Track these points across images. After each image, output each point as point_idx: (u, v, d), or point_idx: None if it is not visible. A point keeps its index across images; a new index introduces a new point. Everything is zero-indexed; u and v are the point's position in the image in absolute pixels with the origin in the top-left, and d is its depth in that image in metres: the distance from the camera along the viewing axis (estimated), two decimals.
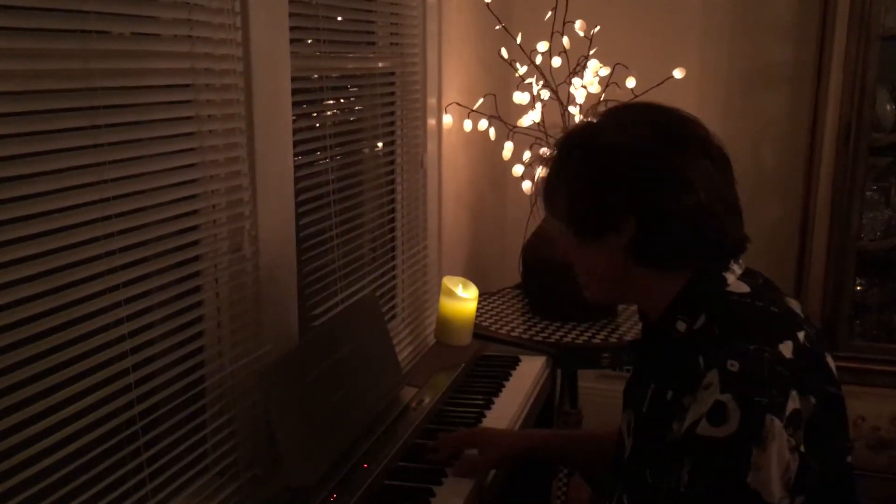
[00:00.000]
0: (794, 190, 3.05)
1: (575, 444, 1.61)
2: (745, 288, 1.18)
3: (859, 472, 2.82)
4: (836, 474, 1.15)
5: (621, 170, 1.16)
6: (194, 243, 1.42)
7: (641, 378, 1.26)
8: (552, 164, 1.26)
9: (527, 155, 2.64)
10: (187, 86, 1.38)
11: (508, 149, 2.59)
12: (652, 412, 1.20)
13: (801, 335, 1.14)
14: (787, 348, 1.10)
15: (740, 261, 1.22)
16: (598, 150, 1.19)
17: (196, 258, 1.43)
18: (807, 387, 1.09)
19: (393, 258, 2.29)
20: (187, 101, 1.38)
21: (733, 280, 1.19)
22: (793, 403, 1.07)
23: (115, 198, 1.22)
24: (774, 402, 1.05)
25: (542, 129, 2.57)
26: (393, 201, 2.29)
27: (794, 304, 1.23)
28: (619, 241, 1.18)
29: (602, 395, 3.11)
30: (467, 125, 2.57)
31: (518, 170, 2.63)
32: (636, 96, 2.54)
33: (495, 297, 2.85)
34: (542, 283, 2.57)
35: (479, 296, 2.38)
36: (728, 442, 1.04)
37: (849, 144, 2.71)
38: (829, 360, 1.19)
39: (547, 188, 1.27)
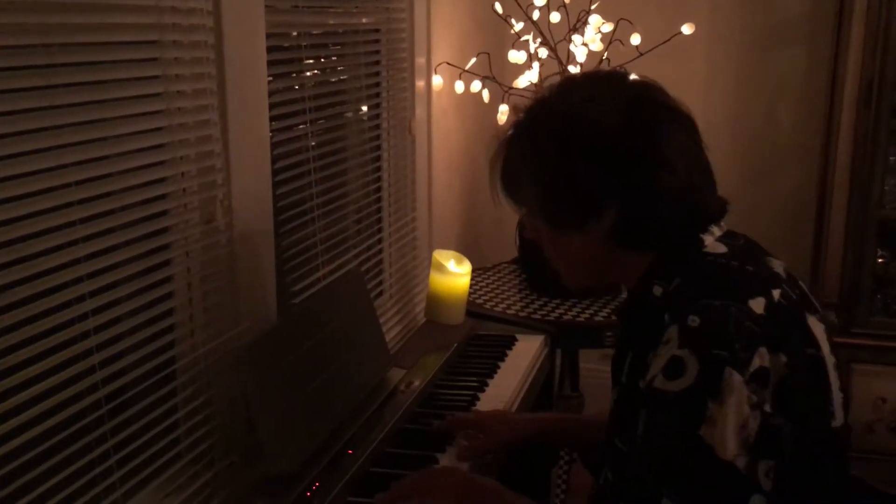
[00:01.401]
0: (812, 155, 3.05)
1: (587, 430, 1.62)
2: (722, 248, 1.23)
3: (879, 456, 2.84)
4: (819, 441, 1.17)
5: (599, 156, 1.19)
6: (162, 214, 1.42)
7: (622, 349, 1.30)
8: (512, 149, 1.27)
9: None
10: (153, 42, 1.36)
11: (503, 112, 2.58)
12: (630, 381, 1.23)
13: (776, 293, 1.18)
14: (757, 304, 1.14)
15: (722, 223, 1.26)
16: (568, 135, 1.21)
17: (165, 230, 1.42)
18: (778, 345, 1.12)
19: (379, 231, 2.29)
20: (153, 59, 1.37)
21: (711, 241, 1.23)
22: (759, 360, 1.10)
23: (74, 164, 1.21)
24: (736, 357, 1.08)
25: (541, 88, 2.56)
26: (379, 169, 2.28)
27: (777, 264, 1.26)
28: (600, 227, 1.22)
29: (605, 378, 3.11)
30: (459, 87, 2.56)
31: None
32: (641, 54, 2.53)
33: (490, 273, 2.85)
34: (541, 257, 2.56)
35: (473, 271, 2.38)
36: (682, 395, 1.09)
37: (871, 105, 2.71)
38: (813, 322, 1.22)
39: (509, 176, 1.28)
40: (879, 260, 2.89)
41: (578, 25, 2.56)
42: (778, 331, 1.13)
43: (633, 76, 1.27)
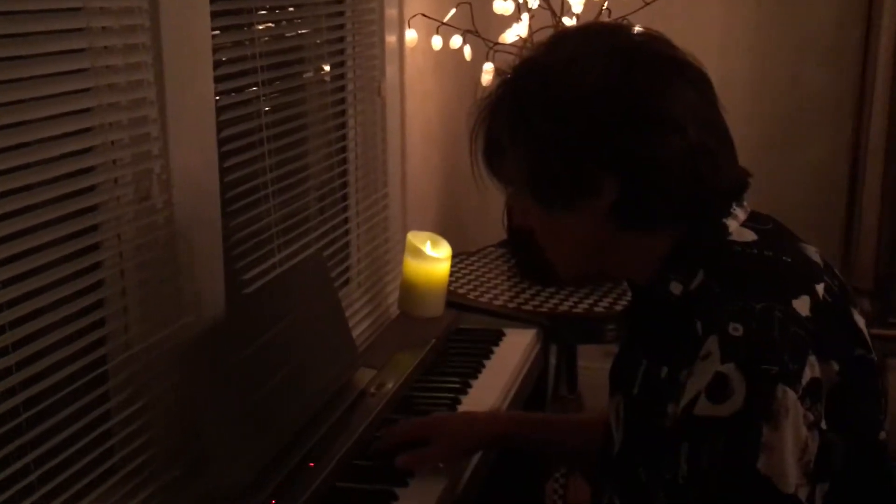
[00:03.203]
0: (843, 119, 3.07)
1: (562, 432, 1.63)
2: (750, 236, 1.20)
3: None
4: (867, 455, 1.17)
5: (595, 119, 1.18)
6: (89, 189, 1.41)
7: (631, 355, 1.28)
8: (494, 117, 1.26)
9: None
10: None
11: (488, 71, 2.58)
12: (644, 395, 1.21)
13: (820, 288, 1.16)
14: (802, 304, 1.12)
15: (745, 203, 1.24)
16: (559, 97, 1.19)
17: (93, 208, 1.42)
18: (828, 350, 1.11)
19: (345, 209, 2.29)
20: (75, 10, 1.36)
21: (736, 227, 1.21)
22: (811, 371, 1.08)
23: None
24: (787, 370, 1.07)
25: (530, 45, 2.55)
26: (344, 139, 2.27)
27: (812, 251, 1.25)
28: (600, 204, 1.20)
29: (607, 377, 3.14)
30: (436, 42, 2.55)
31: None
32: (647, 3, 2.53)
33: (474, 258, 2.86)
34: (533, 240, 2.57)
35: (454, 256, 2.38)
36: (732, 421, 1.06)
37: None
38: (857, 316, 1.21)
39: (492, 149, 1.27)
40: None
41: None
42: (826, 334, 1.12)
43: (636, 28, 1.26)
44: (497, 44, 2.58)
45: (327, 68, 2.19)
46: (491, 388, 2.01)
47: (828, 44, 3.10)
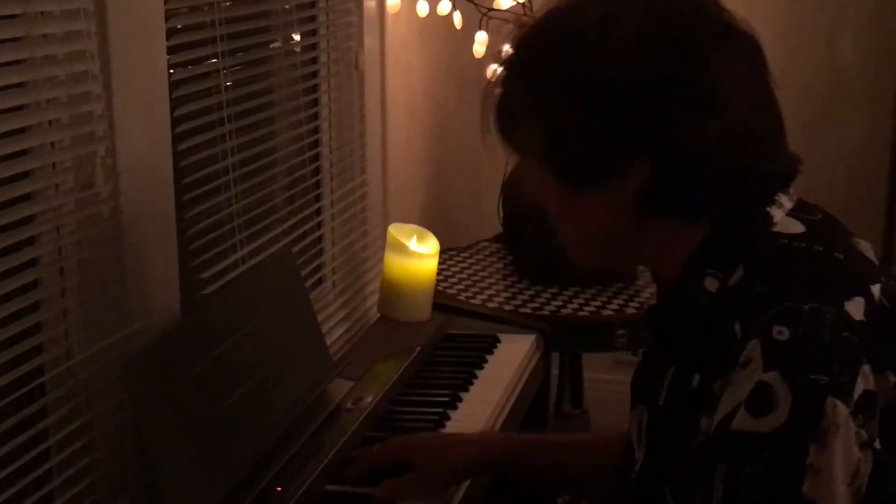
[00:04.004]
0: (885, 97, 3.07)
1: (565, 454, 1.62)
2: (797, 227, 1.19)
3: None
4: None
5: (626, 91, 1.16)
6: (24, 176, 1.41)
7: (657, 361, 1.27)
8: (512, 78, 1.24)
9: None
10: None
11: (481, 42, 2.58)
12: (672, 405, 1.21)
13: (876, 290, 1.15)
14: (856, 307, 1.11)
15: (790, 190, 1.23)
16: (587, 63, 1.18)
17: (27, 197, 1.42)
18: (884, 360, 1.10)
19: (317, 199, 2.29)
20: None
21: (781, 217, 1.20)
22: (864, 382, 1.08)
23: None
24: (837, 382, 1.06)
25: (529, 12, 2.55)
26: (316, 118, 2.28)
27: (866, 247, 1.24)
28: (627, 187, 1.19)
29: (617, 390, 3.13)
30: (422, 8, 2.55)
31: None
32: None
33: (465, 254, 2.86)
34: (533, 233, 2.57)
35: (442, 251, 2.38)
36: (775, 438, 1.05)
37: None
38: None
39: (506, 115, 1.26)
40: None
41: None
42: (883, 342, 1.11)
43: None
44: (491, 9, 2.58)
45: (297, 37, 2.19)
46: (484, 402, 2.01)
47: (867, 10, 3.10)
